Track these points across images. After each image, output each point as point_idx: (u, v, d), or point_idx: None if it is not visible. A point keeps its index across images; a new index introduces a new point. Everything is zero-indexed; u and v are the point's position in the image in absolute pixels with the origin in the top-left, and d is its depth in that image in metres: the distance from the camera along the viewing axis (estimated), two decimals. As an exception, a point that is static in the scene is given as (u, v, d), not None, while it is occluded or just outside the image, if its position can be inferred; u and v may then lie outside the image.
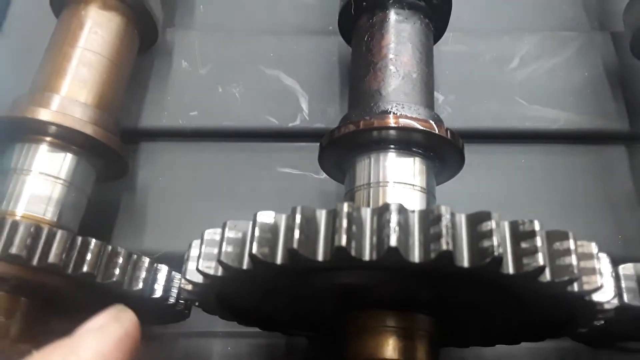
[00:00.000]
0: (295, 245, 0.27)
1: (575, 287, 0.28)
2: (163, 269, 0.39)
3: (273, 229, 0.29)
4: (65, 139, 0.44)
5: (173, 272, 0.40)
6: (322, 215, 0.28)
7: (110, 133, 0.46)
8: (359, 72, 0.44)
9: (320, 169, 0.46)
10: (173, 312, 0.41)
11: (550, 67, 0.57)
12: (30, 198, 0.42)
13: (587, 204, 0.51)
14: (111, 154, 0.46)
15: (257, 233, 0.29)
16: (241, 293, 0.35)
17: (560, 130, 0.54)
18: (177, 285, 0.39)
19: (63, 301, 0.41)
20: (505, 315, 0.35)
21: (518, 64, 0.57)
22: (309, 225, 0.28)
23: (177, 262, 0.36)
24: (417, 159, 0.40)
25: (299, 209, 0.28)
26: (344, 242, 0.26)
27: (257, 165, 0.53)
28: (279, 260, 0.28)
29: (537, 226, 0.27)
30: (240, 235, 0.30)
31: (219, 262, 0.30)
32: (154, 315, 0.42)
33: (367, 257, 0.27)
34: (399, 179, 0.39)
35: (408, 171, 0.40)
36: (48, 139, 0.44)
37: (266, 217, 0.29)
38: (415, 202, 0.38)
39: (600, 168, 0.53)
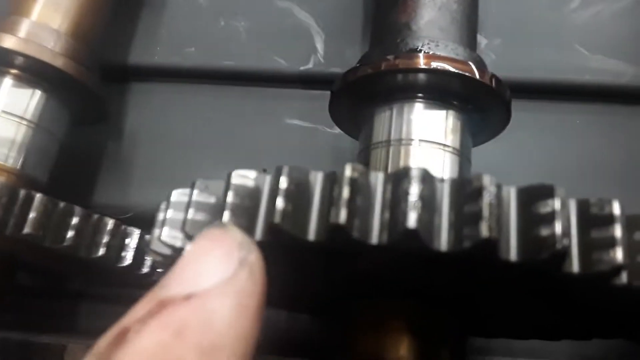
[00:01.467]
0: (277, 219, 0.20)
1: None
2: (134, 233, 0.33)
3: (253, 194, 0.22)
4: (33, 72, 0.38)
5: (147, 237, 0.33)
6: (317, 180, 0.21)
7: (86, 68, 0.39)
8: (385, 1, 0.36)
9: (334, 122, 0.38)
10: (150, 281, 0.35)
11: (618, 10, 0.47)
12: (-11, 141, 0.36)
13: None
14: (86, 92, 0.39)
15: (231, 199, 0.22)
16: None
17: (626, 86, 0.45)
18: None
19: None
20: (548, 313, 0.28)
21: (579, 3, 0.47)
22: (299, 192, 0.21)
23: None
24: (451, 112, 0.33)
25: (285, 170, 0.21)
26: (342, 218, 0.19)
27: (262, 115, 0.46)
28: (258, 235, 0.21)
29: (616, 209, 0.19)
30: (212, 199, 0.23)
31: (183, 232, 0.23)
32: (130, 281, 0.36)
33: (374, 240, 0.19)
34: (427, 137, 0.32)
35: (439, 127, 0.32)
36: (12, 71, 0.38)
37: (244, 178, 0.22)
38: (445, 167, 0.31)
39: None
